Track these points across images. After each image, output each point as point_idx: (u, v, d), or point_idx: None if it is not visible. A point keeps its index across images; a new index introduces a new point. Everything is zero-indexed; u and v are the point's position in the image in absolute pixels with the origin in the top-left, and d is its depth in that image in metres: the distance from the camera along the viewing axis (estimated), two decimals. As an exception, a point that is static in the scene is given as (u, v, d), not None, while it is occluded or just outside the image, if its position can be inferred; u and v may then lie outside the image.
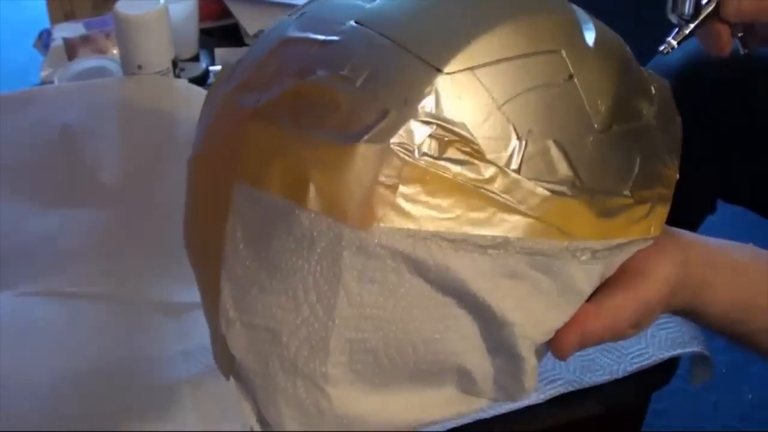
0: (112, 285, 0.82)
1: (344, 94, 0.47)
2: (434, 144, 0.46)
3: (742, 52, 0.70)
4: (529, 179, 0.47)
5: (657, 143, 0.54)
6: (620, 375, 0.76)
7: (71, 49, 1.12)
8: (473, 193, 0.46)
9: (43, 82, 1.11)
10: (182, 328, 0.79)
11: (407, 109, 0.46)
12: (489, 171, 0.46)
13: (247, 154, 0.49)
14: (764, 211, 1.02)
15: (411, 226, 0.46)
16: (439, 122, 0.46)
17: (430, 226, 0.46)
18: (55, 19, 1.23)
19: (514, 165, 0.47)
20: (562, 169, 0.48)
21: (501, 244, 0.47)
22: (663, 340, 0.78)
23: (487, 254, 0.47)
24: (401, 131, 0.45)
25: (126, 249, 0.86)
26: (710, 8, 0.65)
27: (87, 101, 0.98)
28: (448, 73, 0.46)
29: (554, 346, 0.51)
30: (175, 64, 1.03)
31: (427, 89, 0.46)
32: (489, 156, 0.46)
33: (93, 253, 0.86)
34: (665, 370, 0.78)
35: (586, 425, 0.76)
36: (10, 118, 0.97)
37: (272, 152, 0.48)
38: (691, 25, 0.66)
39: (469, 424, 0.72)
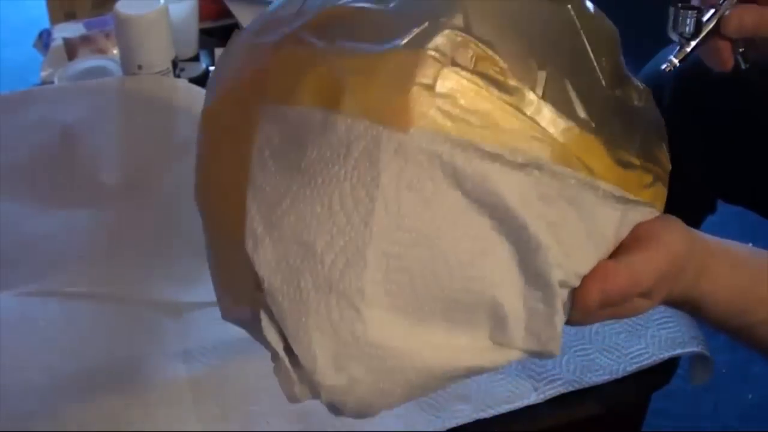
0: (112, 285, 0.82)
1: (376, 13, 0.47)
2: (467, 57, 0.46)
3: (743, 66, 0.70)
4: (552, 109, 0.48)
5: (650, 129, 0.55)
6: (620, 375, 0.76)
7: (71, 49, 1.12)
8: (504, 110, 0.47)
9: (43, 82, 1.11)
10: (182, 328, 0.79)
11: (441, 21, 0.47)
12: (517, 92, 0.47)
13: (274, 76, 0.48)
14: (764, 211, 1.02)
15: (449, 131, 0.45)
16: (470, 38, 0.47)
17: (467, 135, 0.46)
18: (55, 19, 1.23)
19: (539, 92, 0.48)
20: (580, 111, 0.49)
21: (533, 164, 0.47)
22: (663, 340, 0.78)
23: (521, 171, 0.47)
24: (436, 39, 0.46)
25: (126, 249, 0.86)
26: (711, 25, 0.65)
27: (87, 101, 0.98)
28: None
29: (577, 299, 0.51)
30: (175, 64, 1.03)
31: (458, 9, 0.47)
32: (514, 79, 0.47)
33: (93, 253, 0.86)
34: (665, 370, 0.78)
35: (586, 425, 0.76)
36: (10, 118, 0.97)
37: (302, 68, 0.47)
38: (693, 43, 0.66)
39: (469, 424, 0.72)
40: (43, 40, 1.18)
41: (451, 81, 0.46)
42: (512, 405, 0.73)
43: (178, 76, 1.04)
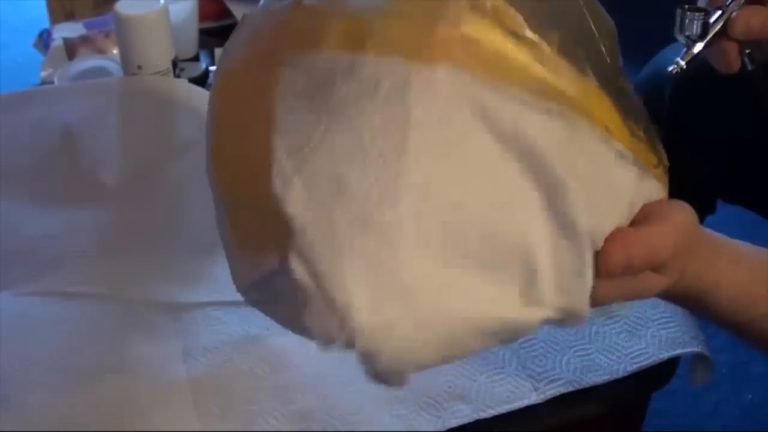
0: (112, 285, 0.82)
1: None
2: (486, 6, 0.47)
3: (749, 67, 0.70)
4: (568, 65, 0.48)
5: (649, 122, 0.56)
6: (620, 375, 0.76)
7: (71, 49, 1.12)
8: (524, 59, 0.47)
9: (43, 82, 1.11)
10: (182, 328, 0.79)
11: None
12: (534, 45, 0.47)
13: (295, 27, 0.48)
14: (764, 210, 1.02)
15: (477, 71, 0.46)
16: None
17: (492, 77, 0.46)
18: (55, 19, 1.23)
19: (554, 48, 0.48)
20: (591, 76, 0.49)
21: (556, 111, 0.47)
22: (663, 340, 0.78)
23: (548, 115, 0.47)
24: None
25: (126, 249, 0.86)
26: (718, 27, 0.65)
27: (87, 101, 0.98)
28: None
29: (602, 262, 0.50)
30: (175, 64, 1.02)
31: None
32: (532, 33, 0.47)
33: (93, 253, 0.86)
34: (665, 370, 0.78)
35: (586, 425, 0.76)
36: (10, 118, 0.97)
37: (325, 16, 0.47)
38: (699, 45, 0.66)
39: (469, 424, 0.72)
40: (43, 40, 1.18)
41: (474, 26, 0.46)
42: (512, 405, 0.73)
43: (178, 76, 1.03)
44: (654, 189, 0.54)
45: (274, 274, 0.47)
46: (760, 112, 0.95)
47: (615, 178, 0.50)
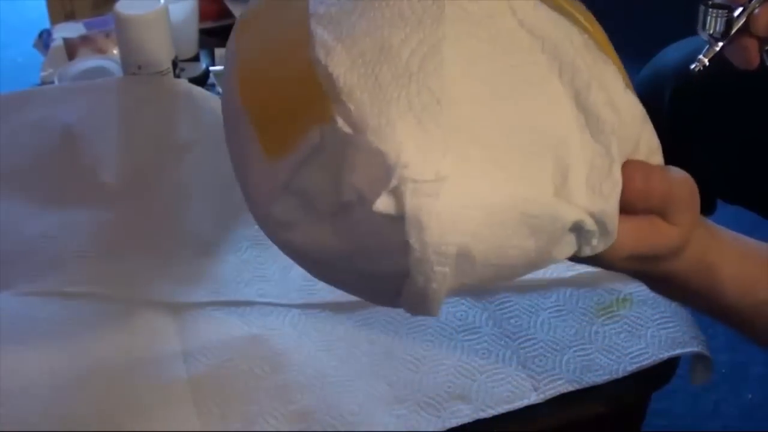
0: (112, 285, 0.82)
1: None
2: None
3: None
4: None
5: None
6: (620, 375, 0.76)
7: (71, 49, 1.12)
8: None
9: (43, 82, 1.11)
10: (182, 328, 0.79)
11: None
12: None
13: None
14: (763, 210, 1.02)
15: None
16: None
17: None
18: (55, 19, 1.23)
19: None
20: (600, 28, 0.52)
21: (574, 25, 0.50)
22: (663, 340, 0.78)
23: (566, 23, 0.49)
24: None
25: (126, 249, 0.86)
26: (740, 23, 0.65)
27: (87, 101, 0.98)
28: None
29: (626, 177, 0.50)
30: (175, 64, 1.02)
31: None
32: None
33: (93, 253, 0.86)
34: (665, 370, 0.78)
35: (586, 425, 0.76)
36: (10, 118, 0.97)
37: None
38: (721, 43, 0.66)
39: (469, 424, 0.72)
40: (43, 40, 1.18)
41: None
42: (512, 405, 0.73)
43: (178, 76, 1.03)
44: (654, 144, 0.53)
45: (316, 151, 0.46)
46: (759, 113, 0.95)
47: (626, 103, 0.50)
